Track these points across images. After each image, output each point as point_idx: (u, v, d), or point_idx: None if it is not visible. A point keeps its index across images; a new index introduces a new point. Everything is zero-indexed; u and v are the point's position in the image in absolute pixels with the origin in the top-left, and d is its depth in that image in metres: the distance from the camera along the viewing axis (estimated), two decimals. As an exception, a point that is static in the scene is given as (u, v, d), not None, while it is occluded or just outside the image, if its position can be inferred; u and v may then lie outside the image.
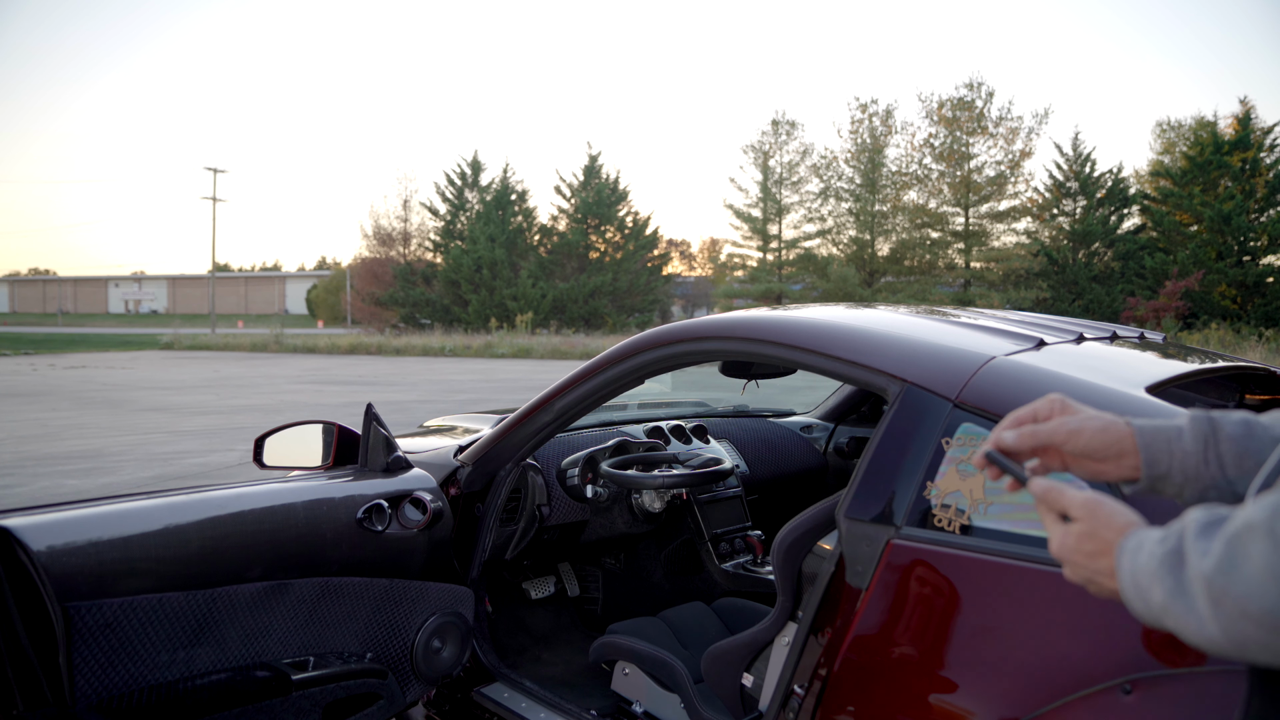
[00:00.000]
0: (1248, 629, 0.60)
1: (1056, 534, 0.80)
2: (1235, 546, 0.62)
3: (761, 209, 38.54)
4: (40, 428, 10.20)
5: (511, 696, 2.16)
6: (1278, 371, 2.03)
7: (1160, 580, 0.68)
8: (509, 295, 38.76)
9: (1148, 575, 0.69)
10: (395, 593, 2.04)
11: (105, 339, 39.11)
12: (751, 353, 1.80)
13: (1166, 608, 0.67)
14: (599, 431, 2.84)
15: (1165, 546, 0.69)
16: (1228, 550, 0.62)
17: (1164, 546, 0.69)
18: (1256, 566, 0.59)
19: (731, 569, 2.63)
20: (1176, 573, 0.66)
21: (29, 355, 26.74)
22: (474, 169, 42.10)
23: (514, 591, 2.88)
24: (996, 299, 33.10)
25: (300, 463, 2.24)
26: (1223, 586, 0.61)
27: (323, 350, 28.90)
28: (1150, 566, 0.69)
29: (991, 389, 1.39)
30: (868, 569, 1.40)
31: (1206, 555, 0.64)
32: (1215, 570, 0.62)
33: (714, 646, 1.89)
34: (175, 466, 7.73)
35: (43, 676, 1.62)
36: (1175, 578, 0.66)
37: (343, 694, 1.94)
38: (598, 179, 41.20)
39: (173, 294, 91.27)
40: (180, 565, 1.74)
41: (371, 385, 16.75)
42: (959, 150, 35.22)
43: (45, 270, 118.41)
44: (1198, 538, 0.66)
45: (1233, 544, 0.62)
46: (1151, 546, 0.71)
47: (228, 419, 11.15)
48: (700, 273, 68.47)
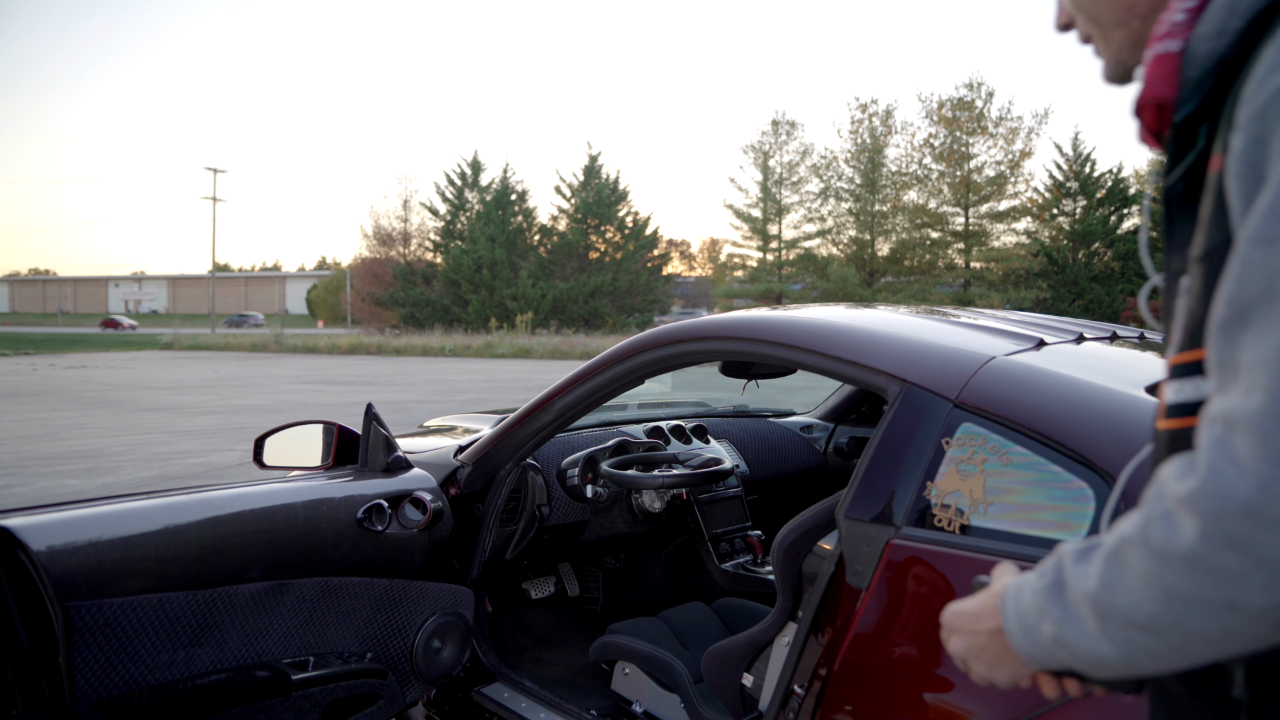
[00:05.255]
0: (1135, 637, 0.61)
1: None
2: (1113, 562, 0.63)
3: (761, 209, 38.55)
4: (40, 428, 10.20)
5: (511, 696, 2.16)
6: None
7: (1046, 613, 0.68)
8: (509, 295, 38.77)
9: (1034, 613, 0.70)
10: (395, 593, 2.04)
11: (105, 339, 39.10)
12: (751, 353, 1.80)
13: (1057, 637, 0.67)
14: (599, 431, 2.84)
15: (1045, 580, 0.70)
16: (1106, 568, 0.63)
17: (1044, 580, 0.70)
18: (1135, 575, 0.60)
19: (731, 569, 2.63)
20: (1061, 601, 0.67)
21: (29, 355, 26.75)
22: (474, 169, 42.12)
23: (514, 591, 2.88)
24: (996, 299, 33.12)
25: (300, 463, 2.24)
26: (1108, 601, 0.62)
27: (323, 350, 28.91)
28: (1035, 603, 0.70)
29: (991, 389, 1.39)
30: (868, 569, 1.40)
31: (1087, 577, 0.65)
32: (1099, 588, 0.63)
33: (714, 646, 1.89)
34: (175, 466, 7.73)
35: (43, 676, 1.62)
36: (1060, 606, 0.67)
37: (343, 694, 1.94)
38: (598, 179, 41.21)
39: (173, 294, 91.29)
40: (180, 565, 1.74)
41: (371, 385, 16.75)
42: (959, 150, 35.24)
43: (45, 270, 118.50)
44: (1076, 564, 0.67)
45: (1110, 560, 0.63)
46: (1033, 584, 0.72)
47: (228, 419, 11.15)
48: (700, 273, 68.57)
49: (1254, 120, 0.57)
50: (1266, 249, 0.54)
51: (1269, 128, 0.56)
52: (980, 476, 1.33)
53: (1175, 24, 0.66)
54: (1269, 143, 0.56)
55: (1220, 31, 0.63)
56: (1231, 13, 0.63)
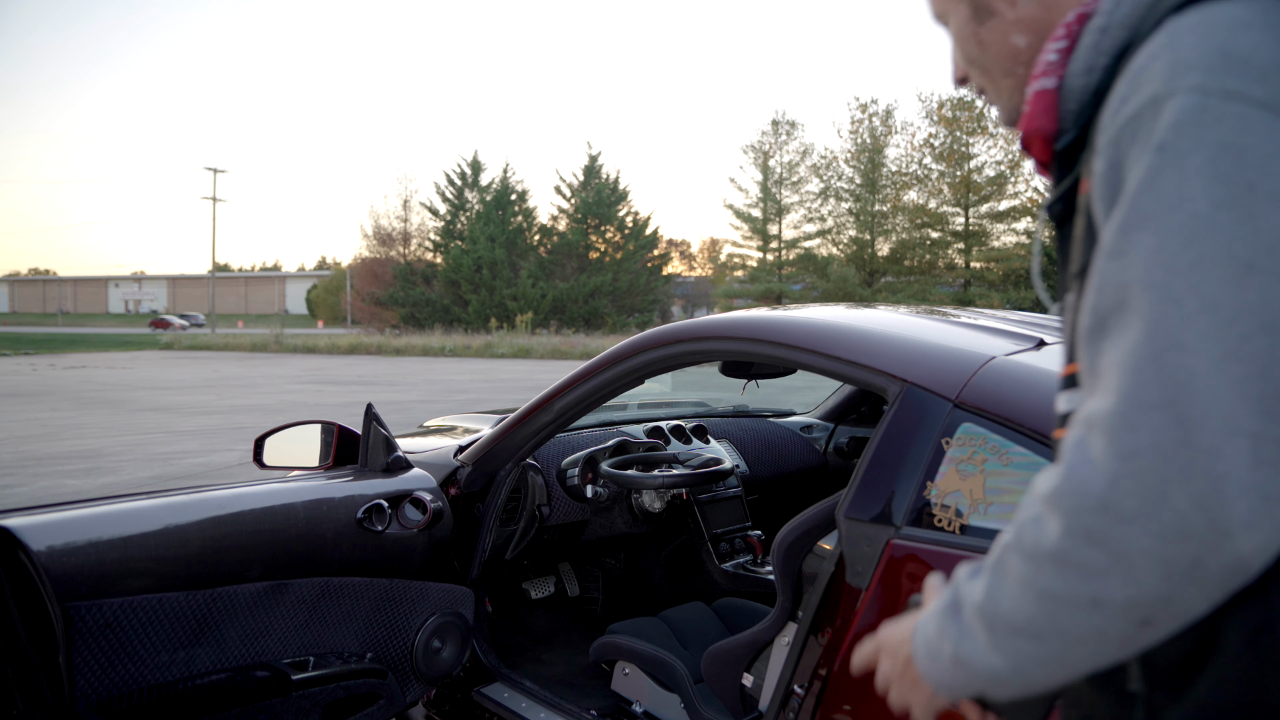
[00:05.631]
0: (1020, 645, 0.62)
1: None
2: (996, 571, 0.64)
3: (761, 209, 38.55)
4: (40, 428, 10.21)
5: (511, 696, 2.16)
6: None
7: (944, 632, 0.69)
8: (509, 295, 38.77)
9: (936, 635, 0.71)
10: (395, 593, 2.04)
11: (105, 339, 39.12)
12: (751, 353, 1.80)
13: (955, 656, 0.67)
14: (599, 431, 2.84)
15: (943, 602, 0.71)
16: (991, 577, 0.65)
17: (942, 603, 0.71)
18: (1014, 580, 0.62)
19: (731, 569, 2.63)
20: (957, 618, 0.68)
21: (29, 355, 26.75)
22: (474, 169, 42.12)
23: (514, 591, 2.88)
24: (996, 299, 33.11)
25: (300, 463, 2.24)
26: (993, 610, 0.63)
27: (323, 350, 28.90)
28: (937, 624, 0.71)
29: (991, 389, 1.39)
30: (868, 569, 1.40)
31: (975, 590, 0.66)
32: (984, 598, 0.64)
33: (714, 646, 1.89)
34: (175, 466, 7.73)
35: (43, 676, 1.62)
36: (957, 623, 0.68)
37: (343, 694, 1.94)
38: (598, 179, 41.22)
39: (173, 294, 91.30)
40: (180, 565, 1.74)
41: (371, 385, 16.75)
42: (959, 150, 35.24)
43: (45, 270, 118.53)
44: (968, 579, 0.68)
45: (994, 570, 0.65)
46: (933, 610, 0.73)
47: (228, 419, 11.15)
48: (700, 273, 68.54)
49: (1110, 145, 0.61)
50: (1119, 261, 0.58)
51: (1123, 151, 0.60)
52: (980, 476, 1.33)
53: (1049, 63, 0.72)
54: (1124, 165, 0.60)
55: (1090, 68, 0.68)
56: (1097, 51, 0.68)
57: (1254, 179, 0.55)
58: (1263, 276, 0.54)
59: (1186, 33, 0.59)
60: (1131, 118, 0.60)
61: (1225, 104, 0.56)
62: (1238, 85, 0.56)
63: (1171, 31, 0.60)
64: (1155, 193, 0.56)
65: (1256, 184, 0.54)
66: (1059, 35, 0.72)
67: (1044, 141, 0.72)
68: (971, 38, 0.82)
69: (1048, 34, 0.75)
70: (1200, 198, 0.55)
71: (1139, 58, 0.61)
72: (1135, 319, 0.56)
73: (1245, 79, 0.56)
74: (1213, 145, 0.55)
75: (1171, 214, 0.56)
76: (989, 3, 0.79)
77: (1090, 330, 0.60)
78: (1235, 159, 0.55)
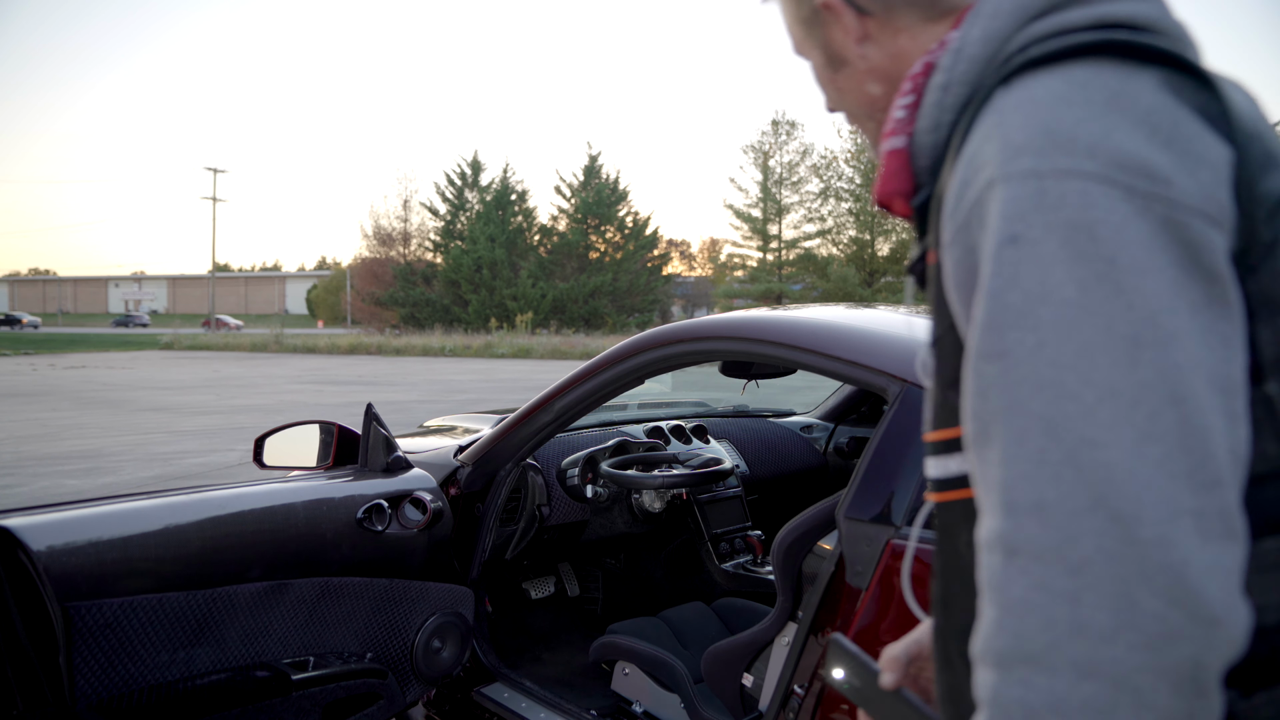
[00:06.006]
0: None
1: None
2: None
3: (761, 209, 38.56)
4: (40, 428, 10.21)
5: (511, 696, 2.16)
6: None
7: None
8: (509, 295, 38.77)
9: None
10: (395, 593, 2.04)
11: (105, 339, 39.12)
12: (751, 353, 1.80)
13: None
14: (599, 431, 2.84)
15: None
16: None
17: None
18: None
19: (731, 569, 2.63)
20: None
21: (29, 355, 26.74)
22: (474, 169, 42.12)
23: (514, 591, 2.88)
24: (996, 299, 33.06)
25: (300, 463, 2.24)
26: None
27: (323, 350, 28.91)
28: None
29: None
30: (868, 569, 1.40)
31: None
32: None
33: (714, 646, 1.89)
34: (175, 466, 7.73)
35: (43, 676, 1.62)
36: None
37: (343, 694, 1.94)
38: (598, 179, 41.22)
39: (173, 294, 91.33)
40: (180, 565, 1.74)
41: (371, 385, 16.75)
42: (959, 150, 35.16)
43: (45, 270, 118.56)
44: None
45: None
46: None
47: (228, 419, 11.16)
48: (700, 273, 68.56)
49: (961, 232, 0.60)
50: (998, 363, 0.55)
51: (973, 238, 0.59)
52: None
53: (898, 120, 0.71)
54: (976, 252, 0.58)
55: (936, 125, 0.68)
56: (941, 108, 0.67)
57: (1111, 253, 0.53)
58: (1151, 349, 0.52)
59: (1012, 112, 0.58)
60: (974, 204, 0.58)
61: (1062, 184, 0.54)
62: (1069, 163, 0.55)
63: (999, 110, 0.59)
64: (1020, 287, 0.54)
65: (1115, 257, 0.53)
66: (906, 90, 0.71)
67: (903, 200, 0.71)
68: (829, 84, 0.82)
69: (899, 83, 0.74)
70: (1066, 284, 0.53)
71: (972, 140, 0.61)
72: (1033, 423, 0.53)
73: (1075, 156, 0.55)
74: (1063, 228, 0.54)
75: (1042, 306, 0.54)
76: (840, 52, 0.78)
77: (976, 437, 0.57)
78: (1088, 237, 0.53)
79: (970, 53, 0.66)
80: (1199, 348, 0.52)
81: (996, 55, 0.65)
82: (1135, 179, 0.54)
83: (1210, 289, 0.54)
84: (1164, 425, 0.51)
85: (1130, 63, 0.58)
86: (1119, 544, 0.50)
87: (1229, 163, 0.56)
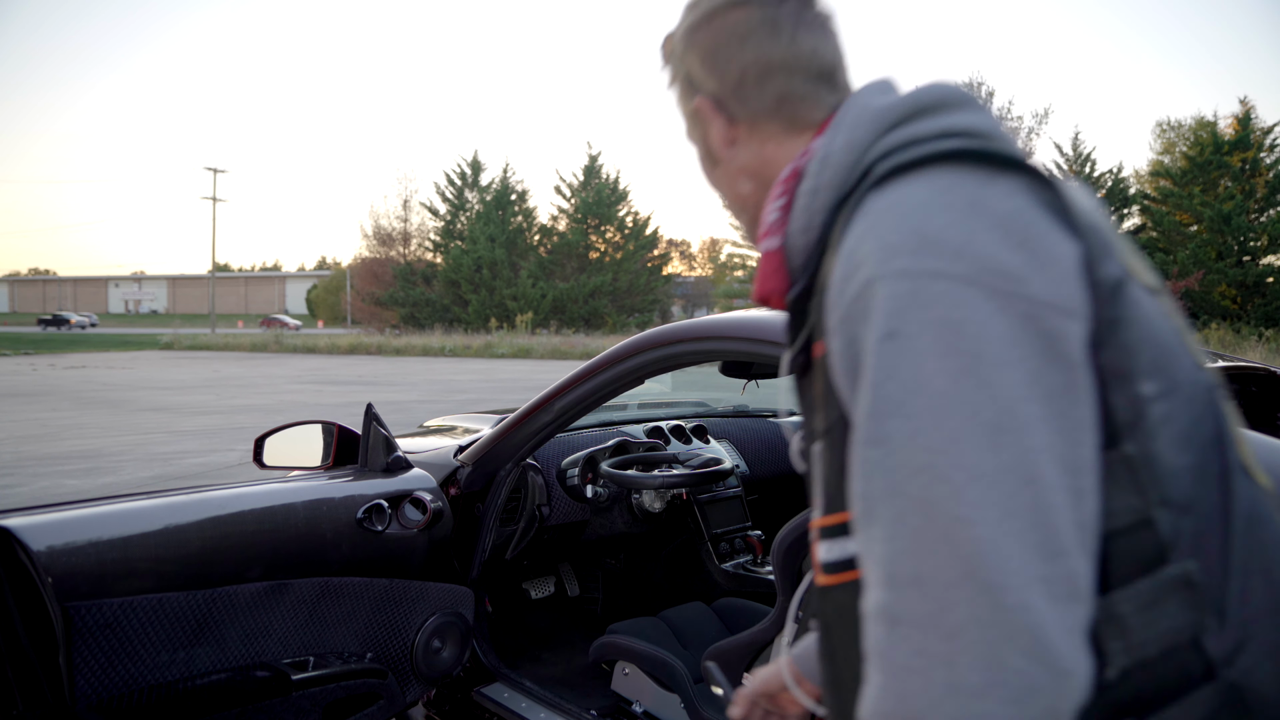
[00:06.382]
0: None
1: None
2: None
3: (761, 209, 38.51)
4: (40, 428, 10.21)
5: (511, 696, 2.16)
6: (1277, 371, 2.04)
7: None
8: (509, 295, 38.76)
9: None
10: (395, 593, 2.04)
11: (105, 339, 39.11)
12: (751, 353, 1.79)
13: None
14: (599, 431, 2.84)
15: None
16: None
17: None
18: None
19: (731, 569, 2.63)
20: None
21: (29, 355, 26.74)
22: (474, 169, 42.11)
23: (514, 591, 2.88)
24: (996, 299, 33.06)
25: (300, 463, 2.24)
26: None
27: (323, 350, 28.91)
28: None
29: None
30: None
31: None
32: None
33: (714, 646, 1.89)
34: (175, 466, 7.73)
35: (43, 676, 1.62)
36: None
37: (343, 694, 1.94)
38: (598, 179, 41.20)
39: (173, 294, 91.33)
40: (180, 565, 1.74)
41: (371, 385, 16.75)
42: (959, 150, 35.14)
43: (45, 270, 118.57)
44: None
45: None
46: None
47: (228, 419, 11.16)
48: (700, 273, 68.55)
49: (842, 324, 0.65)
50: (879, 449, 0.60)
51: (855, 329, 0.63)
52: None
53: (773, 222, 0.77)
54: (859, 342, 0.63)
55: (808, 227, 0.73)
56: (811, 212, 0.73)
57: (977, 348, 0.59)
58: (1010, 434, 0.57)
59: (885, 214, 0.64)
60: (855, 298, 0.63)
61: (933, 284, 0.60)
62: (939, 265, 0.60)
63: (874, 213, 0.65)
64: (897, 379, 0.60)
65: (980, 352, 0.58)
66: (778, 193, 0.77)
67: (779, 298, 0.77)
68: (708, 175, 0.89)
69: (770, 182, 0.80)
70: (938, 376, 0.59)
71: (850, 238, 0.66)
72: (911, 504, 0.58)
73: (943, 259, 0.60)
74: (935, 325, 0.59)
75: (917, 397, 0.59)
76: (714, 151, 0.86)
77: (862, 516, 0.62)
78: (957, 334, 0.59)
79: (835, 160, 0.73)
80: (1051, 434, 0.58)
81: (859, 162, 0.71)
82: (996, 280, 0.60)
83: (1067, 375, 0.60)
84: (1020, 503, 0.57)
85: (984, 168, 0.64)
86: (988, 610, 0.56)
87: (1077, 257, 0.62)
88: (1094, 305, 0.62)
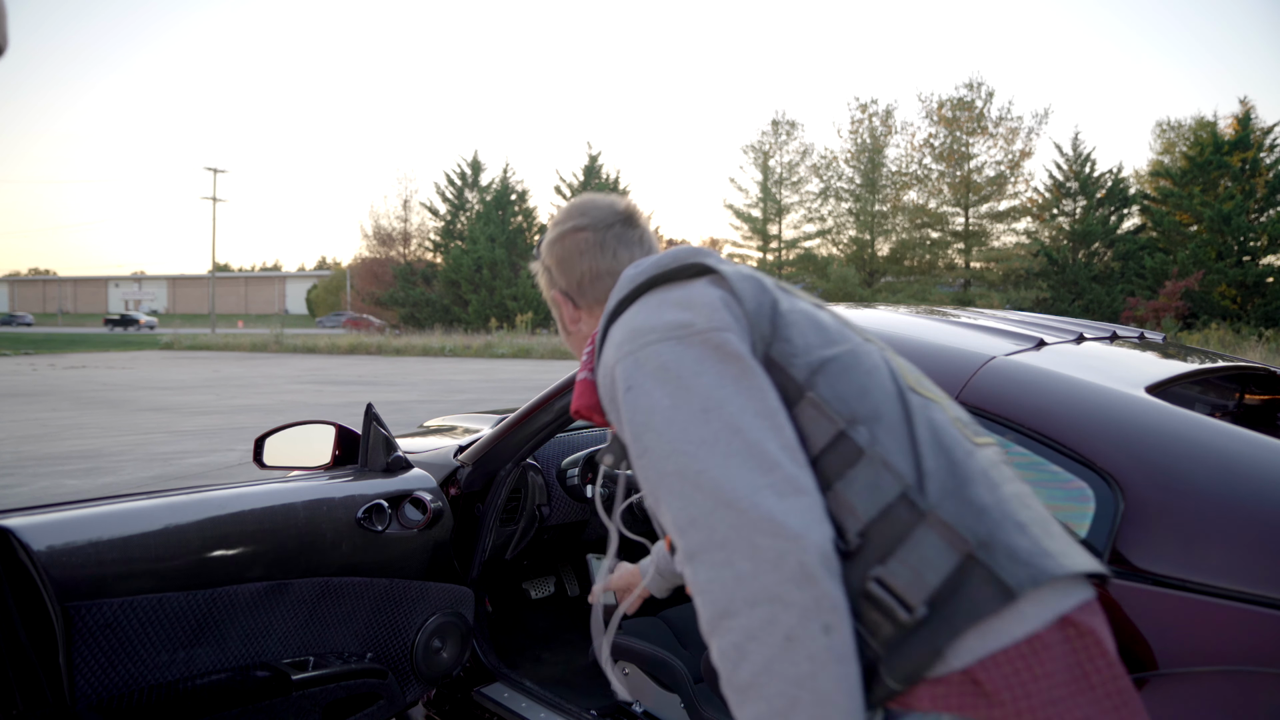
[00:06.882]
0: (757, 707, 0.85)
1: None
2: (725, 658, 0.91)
3: (761, 209, 38.55)
4: (40, 428, 10.20)
5: (511, 696, 2.16)
6: (1277, 371, 2.04)
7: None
8: (509, 295, 38.75)
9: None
10: (395, 593, 2.04)
11: (105, 339, 39.11)
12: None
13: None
14: (599, 431, 2.84)
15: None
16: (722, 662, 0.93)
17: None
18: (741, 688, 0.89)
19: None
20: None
21: (29, 355, 26.74)
22: (474, 169, 42.10)
23: (514, 591, 2.88)
24: (996, 299, 33.11)
25: (300, 463, 2.24)
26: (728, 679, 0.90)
27: (323, 350, 28.90)
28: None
29: (991, 389, 1.39)
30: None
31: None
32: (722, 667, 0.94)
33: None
34: (175, 466, 7.73)
35: (43, 676, 1.62)
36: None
37: (343, 694, 1.94)
38: (598, 179, 41.20)
39: (173, 294, 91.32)
40: (180, 565, 1.74)
41: (371, 385, 16.75)
42: (959, 150, 35.24)
43: (45, 270, 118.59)
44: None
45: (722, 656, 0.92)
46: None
47: (228, 419, 11.15)
48: (700, 273, 68.23)
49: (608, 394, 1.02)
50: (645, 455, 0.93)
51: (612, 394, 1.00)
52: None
53: (585, 362, 1.10)
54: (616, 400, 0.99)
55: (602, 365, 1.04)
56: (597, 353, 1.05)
57: (679, 372, 0.93)
58: (714, 410, 0.89)
59: (616, 330, 1.01)
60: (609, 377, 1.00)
61: (645, 349, 0.96)
62: (644, 340, 0.97)
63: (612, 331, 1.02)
64: (640, 410, 0.94)
65: (681, 374, 0.93)
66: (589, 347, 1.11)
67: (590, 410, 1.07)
68: (565, 336, 1.32)
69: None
70: (662, 399, 0.92)
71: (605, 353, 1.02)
72: (673, 479, 0.89)
73: (646, 335, 0.97)
74: (651, 372, 0.94)
75: (654, 415, 0.92)
76: (566, 325, 1.30)
77: (655, 504, 0.93)
78: (665, 370, 0.93)
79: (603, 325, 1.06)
80: (742, 399, 0.90)
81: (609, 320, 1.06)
82: (675, 331, 0.96)
83: (738, 363, 0.93)
84: (735, 446, 0.87)
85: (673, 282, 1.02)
86: (736, 517, 0.84)
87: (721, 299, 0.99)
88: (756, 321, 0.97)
